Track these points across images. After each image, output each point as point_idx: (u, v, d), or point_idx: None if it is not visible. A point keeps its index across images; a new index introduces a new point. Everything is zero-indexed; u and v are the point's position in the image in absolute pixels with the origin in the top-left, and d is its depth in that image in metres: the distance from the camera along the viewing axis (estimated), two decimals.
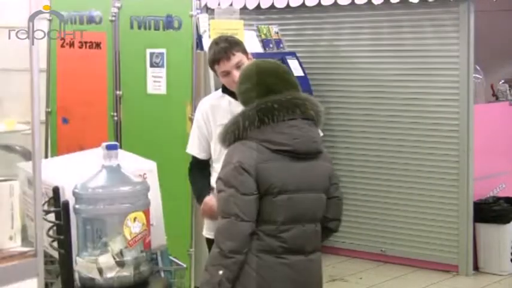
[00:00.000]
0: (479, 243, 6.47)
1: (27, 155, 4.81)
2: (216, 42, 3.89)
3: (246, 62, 3.79)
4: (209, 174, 3.98)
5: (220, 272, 3.07)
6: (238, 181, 3.09)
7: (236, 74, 3.72)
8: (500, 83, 7.36)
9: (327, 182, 3.31)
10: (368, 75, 6.86)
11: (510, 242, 6.42)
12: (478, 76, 6.85)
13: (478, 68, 6.74)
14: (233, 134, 3.19)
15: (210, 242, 3.74)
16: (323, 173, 3.29)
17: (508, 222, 6.41)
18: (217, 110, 3.89)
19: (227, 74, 3.82)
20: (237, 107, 3.62)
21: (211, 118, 3.88)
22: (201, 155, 3.93)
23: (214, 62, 3.84)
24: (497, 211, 6.44)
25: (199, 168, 4.01)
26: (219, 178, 3.19)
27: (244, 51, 3.87)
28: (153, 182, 3.60)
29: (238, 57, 3.81)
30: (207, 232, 3.92)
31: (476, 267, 6.49)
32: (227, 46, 3.82)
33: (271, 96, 3.18)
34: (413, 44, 6.64)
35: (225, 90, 3.90)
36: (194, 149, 3.97)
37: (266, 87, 3.22)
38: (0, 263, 2.93)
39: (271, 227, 3.13)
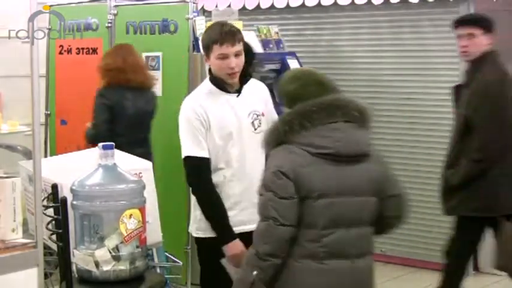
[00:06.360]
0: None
1: (28, 154, 5.17)
2: (221, 25, 3.84)
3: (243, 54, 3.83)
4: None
5: (254, 273, 3.13)
6: (276, 185, 3.12)
7: (233, 60, 3.75)
8: None
9: (377, 185, 3.26)
10: (368, 75, 6.93)
11: None
12: None
13: None
14: (275, 139, 3.22)
15: (198, 241, 3.98)
16: (370, 176, 3.24)
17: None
18: (213, 109, 3.84)
19: (225, 57, 3.75)
20: (237, 103, 3.81)
21: (211, 117, 3.83)
22: (208, 154, 3.83)
23: (216, 42, 3.74)
24: None
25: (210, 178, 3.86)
26: (261, 182, 3.24)
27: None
28: (149, 180, 3.75)
29: (240, 46, 3.80)
30: (196, 232, 3.98)
31: (476, 267, 6.51)
32: (235, 31, 3.79)
33: (316, 99, 3.23)
34: (413, 44, 6.70)
35: (217, 85, 3.87)
36: (198, 149, 3.83)
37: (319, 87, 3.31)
38: (3, 253, 3.14)
39: (312, 231, 3.15)
